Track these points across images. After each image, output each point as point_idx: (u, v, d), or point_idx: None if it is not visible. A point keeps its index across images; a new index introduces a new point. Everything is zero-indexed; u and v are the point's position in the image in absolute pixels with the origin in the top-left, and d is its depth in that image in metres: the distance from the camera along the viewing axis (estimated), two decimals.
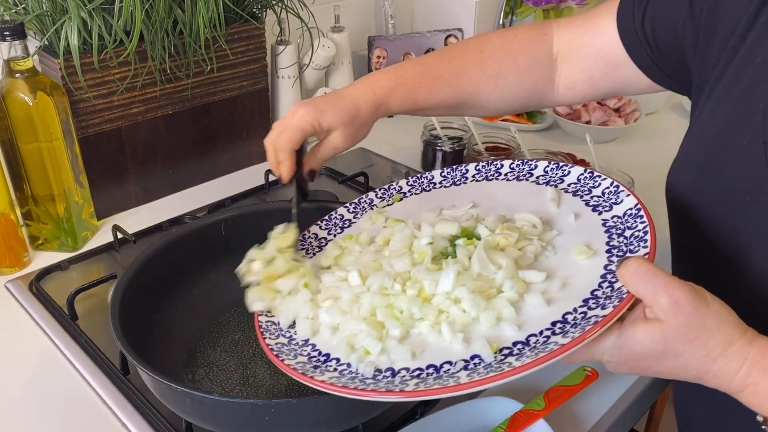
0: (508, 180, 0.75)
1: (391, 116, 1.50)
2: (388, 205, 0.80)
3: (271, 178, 1.16)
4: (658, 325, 0.51)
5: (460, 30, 1.52)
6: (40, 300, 0.90)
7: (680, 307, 0.50)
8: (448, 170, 0.80)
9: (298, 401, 0.63)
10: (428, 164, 1.26)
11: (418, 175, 0.82)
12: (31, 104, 0.89)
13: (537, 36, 0.83)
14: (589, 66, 0.80)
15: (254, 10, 1.16)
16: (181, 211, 1.09)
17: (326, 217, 0.80)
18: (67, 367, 0.80)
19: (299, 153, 0.76)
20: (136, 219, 1.09)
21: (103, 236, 1.04)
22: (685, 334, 0.51)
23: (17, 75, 0.89)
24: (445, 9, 1.56)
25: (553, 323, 0.55)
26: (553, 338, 0.53)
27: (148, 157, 1.11)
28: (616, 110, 1.42)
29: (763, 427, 0.51)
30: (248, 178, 1.22)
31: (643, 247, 0.58)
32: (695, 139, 0.67)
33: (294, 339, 0.64)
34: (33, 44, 0.99)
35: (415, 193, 0.80)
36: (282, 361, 0.60)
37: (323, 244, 0.77)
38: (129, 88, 1.04)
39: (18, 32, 0.87)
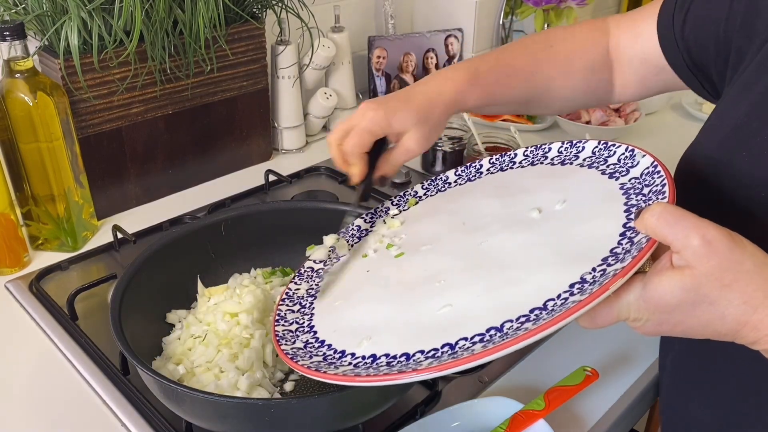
0: (522, 167, 0.73)
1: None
2: (404, 210, 0.78)
3: (271, 178, 1.16)
4: (689, 271, 0.46)
5: (460, 30, 1.52)
6: (40, 300, 0.90)
7: (714, 248, 0.45)
8: (463, 168, 0.79)
9: (298, 401, 0.63)
10: (428, 165, 1.26)
11: (433, 178, 0.80)
12: (31, 104, 0.89)
13: (599, 35, 0.83)
14: (639, 68, 0.80)
15: (254, 10, 1.16)
16: (181, 211, 1.09)
17: (343, 230, 0.78)
18: (67, 367, 0.80)
19: (375, 153, 0.74)
20: (136, 219, 1.09)
21: (103, 236, 1.04)
22: (721, 278, 0.45)
23: (17, 75, 0.89)
24: (445, 9, 1.56)
25: (571, 285, 0.52)
26: (572, 298, 0.50)
27: (148, 157, 1.11)
28: (616, 110, 1.42)
29: None
30: (248, 178, 1.22)
31: (662, 198, 0.54)
32: (710, 130, 0.65)
33: (310, 342, 0.64)
34: (33, 44, 0.99)
35: (431, 195, 0.78)
36: (297, 363, 0.60)
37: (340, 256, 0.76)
38: (129, 88, 1.04)
39: (18, 32, 0.87)
